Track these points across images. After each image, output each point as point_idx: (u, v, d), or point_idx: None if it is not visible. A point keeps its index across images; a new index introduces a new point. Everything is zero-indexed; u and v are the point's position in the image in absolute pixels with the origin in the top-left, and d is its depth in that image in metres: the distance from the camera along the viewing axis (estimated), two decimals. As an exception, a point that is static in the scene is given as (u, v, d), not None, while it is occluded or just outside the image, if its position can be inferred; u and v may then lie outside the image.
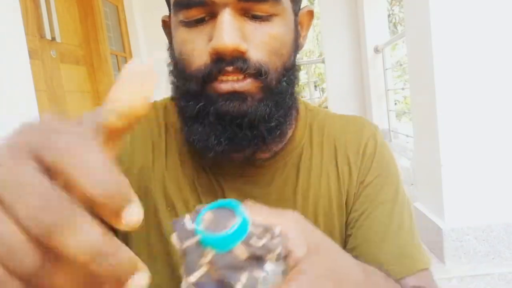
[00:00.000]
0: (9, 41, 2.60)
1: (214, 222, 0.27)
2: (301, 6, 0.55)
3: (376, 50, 4.72)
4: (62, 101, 3.30)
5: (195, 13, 0.46)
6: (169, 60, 0.53)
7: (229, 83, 0.46)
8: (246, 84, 0.46)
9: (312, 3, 11.64)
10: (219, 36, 0.44)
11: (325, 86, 7.78)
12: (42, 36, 3.08)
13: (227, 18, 0.44)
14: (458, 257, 1.55)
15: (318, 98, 10.84)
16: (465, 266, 1.53)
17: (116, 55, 4.18)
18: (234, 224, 0.26)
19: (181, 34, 0.48)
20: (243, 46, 0.45)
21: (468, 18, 1.51)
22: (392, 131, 4.60)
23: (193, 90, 0.47)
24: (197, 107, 0.47)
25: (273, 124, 0.48)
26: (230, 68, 0.45)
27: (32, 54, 2.87)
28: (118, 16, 4.40)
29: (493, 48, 1.52)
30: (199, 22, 0.47)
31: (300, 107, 0.60)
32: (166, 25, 0.55)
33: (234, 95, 0.46)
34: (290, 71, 0.50)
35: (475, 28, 1.51)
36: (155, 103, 0.60)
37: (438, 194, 1.60)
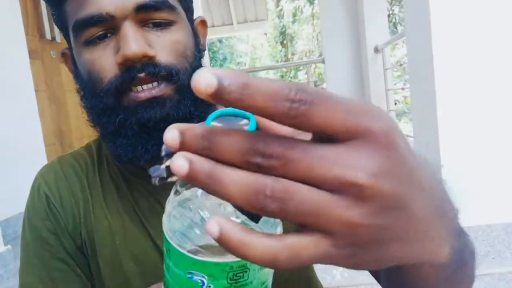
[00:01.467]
0: (9, 41, 2.60)
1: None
2: (195, 17, 0.58)
3: (376, 50, 4.72)
4: (62, 101, 3.30)
5: (96, 31, 0.48)
6: (77, 87, 0.54)
7: (146, 91, 0.47)
8: (161, 89, 0.48)
9: (312, 3, 11.65)
10: (126, 45, 0.45)
11: (325, 86, 7.79)
12: (42, 36, 3.08)
13: (130, 29, 0.46)
14: (458, 257, 1.55)
15: (318, 98, 10.83)
16: (465, 266, 1.53)
17: (116, 55, 4.18)
18: (245, 123, 0.24)
19: (86, 55, 0.49)
20: (151, 51, 0.47)
21: (468, 18, 1.51)
22: (392, 131, 4.59)
23: (109, 104, 0.48)
24: (117, 120, 0.48)
25: (196, 121, 0.49)
26: (142, 75, 0.46)
27: (32, 54, 2.87)
28: (118, 16, 4.40)
29: (493, 48, 1.52)
30: (101, 38, 0.48)
31: None
32: (67, 58, 0.57)
33: (153, 101, 0.47)
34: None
35: (475, 28, 1.51)
36: (88, 143, 0.62)
37: (438, 194, 1.60)
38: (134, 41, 0.45)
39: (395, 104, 6.90)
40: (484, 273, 1.47)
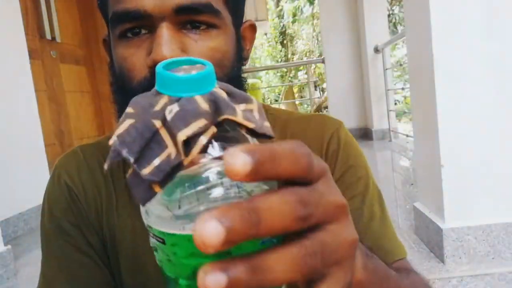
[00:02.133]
0: (9, 41, 2.60)
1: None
2: (244, 20, 0.55)
3: (376, 50, 4.72)
4: (62, 101, 3.30)
5: (131, 26, 0.46)
6: (110, 78, 0.53)
7: None
8: None
9: (312, 3, 11.64)
10: (158, 48, 0.44)
11: (325, 86, 7.79)
12: (42, 36, 3.08)
13: (165, 31, 0.44)
14: (458, 257, 1.55)
15: (318, 98, 10.85)
16: (465, 266, 1.53)
17: (116, 55, 4.18)
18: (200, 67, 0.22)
19: (120, 50, 0.48)
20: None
21: (469, 18, 1.51)
22: (392, 131, 4.61)
23: None
24: None
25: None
26: None
27: (32, 54, 2.87)
28: (118, 16, 4.40)
29: (494, 48, 1.52)
30: (136, 34, 0.47)
31: None
32: (106, 44, 0.55)
33: None
34: (235, 82, 0.49)
35: (475, 28, 1.51)
36: (102, 139, 0.61)
37: (438, 194, 1.60)
38: (167, 45, 0.43)
39: (395, 104, 6.90)
40: (484, 273, 1.47)
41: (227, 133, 0.22)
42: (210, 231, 0.16)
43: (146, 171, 0.19)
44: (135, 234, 0.53)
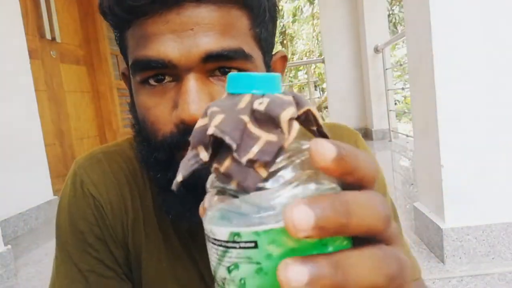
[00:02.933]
0: (9, 41, 2.60)
1: None
2: (274, 52, 0.51)
3: (376, 50, 4.72)
4: (62, 101, 3.30)
5: (154, 73, 0.42)
6: (132, 120, 0.49)
7: None
8: None
9: (312, 3, 11.64)
10: (186, 106, 0.40)
11: (325, 86, 7.78)
12: (42, 36, 3.08)
13: (192, 85, 0.40)
14: (458, 257, 1.55)
15: (318, 98, 10.84)
16: (465, 266, 1.53)
17: (116, 55, 4.18)
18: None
19: (142, 97, 0.44)
20: None
21: (469, 18, 1.51)
22: (392, 131, 4.61)
23: (162, 159, 0.44)
24: (167, 177, 0.43)
25: None
26: None
27: (32, 54, 2.87)
28: (118, 16, 4.39)
29: (494, 48, 1.51)
30: (160, 81, 0.42)
31: None
32: (125, 78, 0.51)
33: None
34: None
35: (475, 28, 1.51)
36: (132, 141, 0.54)
37: (438, 194, 1.60)
38: (195, 103, 0.39)
39: (395, 104, 6.90)
40: (484, 273, 1.47)
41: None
42: (301, 214, 0.17)
43: (249, 156, 0.19)
44: (160, 255, 0.51)
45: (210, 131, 0.20)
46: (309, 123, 0.23)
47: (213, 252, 0.21)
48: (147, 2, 0.40)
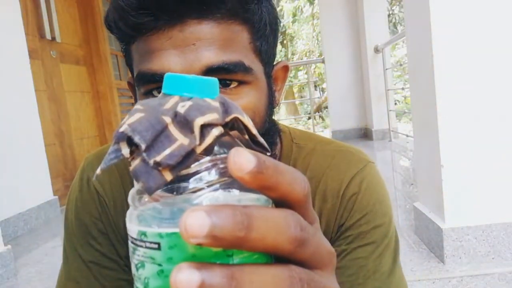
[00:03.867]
0: (9, 41, 2.61)
1: None
2: (276, 62, 0.53)
3: (376, 50, 4.72)
4: (62, 101, 3.30)
5: (157, 86, 0.44)
6: None
7: None
8: None
9: (312, 3, 11.64)
10: None
11: (325, 86, 7.78)
12: (42, 36, 3.08)
13: None
14: (458, 257, 1.55)
15: (318, 98, 10.85)
16: (465, 266, 1.54)
17: (116, 55, 4.18)
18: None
19: None
20: None
21: (469, 18, 1.51)
22: (392, 131, 4.61)
23: None
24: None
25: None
26: None
27: (32, 54, 2.87)
28: (118, 16, 4.39)
29: (494, 48, 1.52)
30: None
31: (285, 141, 0.57)
32: (132, 88, 0.53)
33: None
34: (266, 135, 0.48)
35: (475, 28, 1.51)
36: None
37: (438, 194, 1.60)
38: None
39: (395, 104, 6.90)
40: (484, 273, 1.47)
41: (225, 137, 0.22)
42: (196, 220, 0.16)
43: (157, 158, 0.19)
44: None
45: (122, 128, 0.20)
46: (241, 131, 0.22)
47: (129, 247, 0.22)
48: (151, 20, 0.41)
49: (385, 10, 5.12)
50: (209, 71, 0.41)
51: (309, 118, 7.26)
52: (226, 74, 0.43)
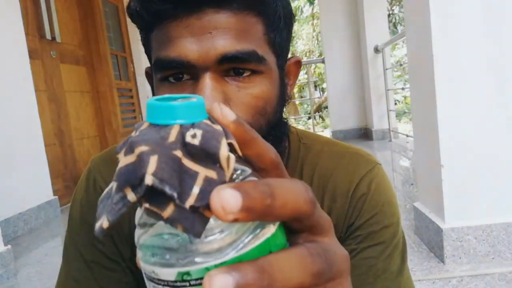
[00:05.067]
0: (9, 41, 2.60)
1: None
2: (289, 56, 0.54)
3: (376, 50, 4.72)
4: (62, 101, 3.30)
5: (173, 72, 0.46)
6: None
7: None
8: None
9: (312, 3, 11.64)
10: None
11: (325, 86, 7.78)
12: (42, 36, 3.08)
13: (208, 83, 0.43)
14: (458, 257, 1.55)
15: (318, 98, 10.84)
16: (465, 266, 1.54)
17: (116, 55, 4.18)
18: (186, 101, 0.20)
19: (162, 93, 0.46)
20: None
21: (469, 18, 1.51)
22: (392, 131, 4.61)
23: None
24: None
25: None
26: None
27: (32, 54, 2.87)
28: (118, 16, 4.40)
29: (494, 47, 1.52)
30: (179, 80, 0.46)
31: (292, 141, 0.57)
32: (149, 77, 0.54)
33: None
34: (276, 128, 0.49)
35: (475, 28, 1.51)
36: None
37: (438, 194, 1.60)
38: (210, 98, 0.43)
39: (395, 104, 6.90)
40: (484, 273, 1.47)
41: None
42: (230, 197, 0.17)
43: (191, 201, 0.18)
44: None
45: (149, 181, 0.18)
46: (232, 149, 0.22)
47: None
48: (171, 7, 0.43)
49: (385, 10, 5.12)
50: (224, 59, 0.43)
51: (309, 118, 7.25)
52: (240, 63, 0.44)
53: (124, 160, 0.19)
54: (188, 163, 0.19)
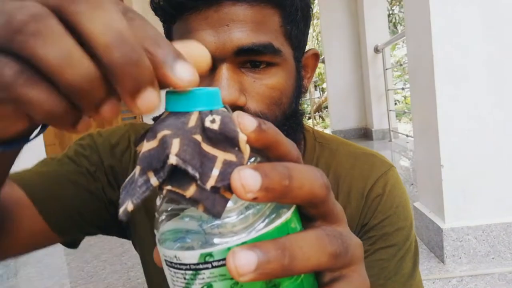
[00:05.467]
0: (9, 41, 2.61)
1: None
2: (307, 49, 0.55)
3: (376, 50, 4.72)
4: (62, 101, 3.31)
5: None
6: None
7: None
8: None
9: (312, 3, 11.65)
10: None
11: (325, 86, 7.78)
12: (42, 36, 3.08)
13: (224, 73, 0.44)
14: (458, 257, 1.55)
15: (318, 98, 10.84)
16: (465, 266, 1.54)
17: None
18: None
19: None
20: (241, 100, 0.45)
21: (469, 18, 1.51)
22: (392, 131, 4.61)
23: None
24: None
25: None
26: None
27: (32, 54, 2.88)
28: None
29: (493, 48, 1.52)
30: None
31: (308, 139, 0.58)
32: None
33: None
34: (291, 119, 0.50)
35: (475, 28, 1.51)
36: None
37: (438, 194, 1.60)
38: (225, 88, 0.44)
39: (395, 104, 6.90)
40: (484, 273, 1.47)
41: None
42: (250, 176, 0.18)
43: (211, 182, 0.19)
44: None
45: (173, 160, 0.19)
46: None
47: (178, 277, 0.21)
48: (190, 0, 0.45)
49: (385, 10, 5.12)
50: (240, 51, 0.44)
51: (309, 118, 7.26)
52: (256, 55, 0.45)
53: (147, 145, 0.20)
54: (206, 147, 0.20)
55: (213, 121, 0.20)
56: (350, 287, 0.22)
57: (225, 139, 0.20)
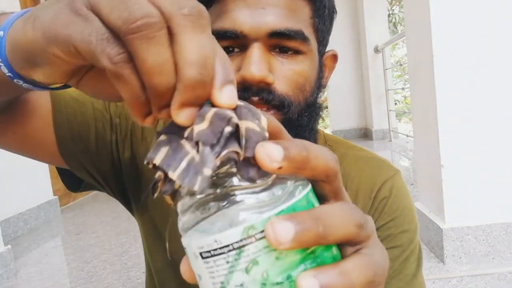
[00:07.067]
0: (9, 41, 2.61)
1: None
2: (327, 49, 0.57)
3: (376, 50, 4.72)
4: (62, 101, 3.30)
5: (226, 44, 0.48)
6: None
7: None
8: None
9: (312, 3, 11.62)
10: (248, 66, 0.46)
11: (325, 86, 7.76)
12: (42, 36, 3.08)
13: (256, 51, 0.47)
14: (458, 257, 1.56)
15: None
16: (465, 266, 1.54)
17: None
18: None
19: None
20: (270, 78, 0.47)
21: (468, 18, 1.51)
22: (392, 131, 4.61)
23: None
24: None
25: None
26: (255, 98, 0.47)
27: (32, 54, 2.87)
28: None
29: (493, 47, 1.52)
30: (229, 52, 0.49)
31: (319, 142, 0.60)
32: None
33: None
34: (312, 107, 0.52)
35: (475, 28, 1.51)
36: None
37: (438, 194, 1.60)
38: (256, 64, 0.46)
39: (395, 104, 6.90)
40: (484, 273, 1.47)
41: None
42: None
43: (250, 152, 0.21)
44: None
45: (197, 136, 0.20)
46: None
47: (218, 265, 0.21)
48: None
49: (385, 10, 5.12)
50: (273, 34, 0.47)
51: (309, 118, 7.24)
52: (287, 40, 0.48)
53: (197, 127, 0.21)
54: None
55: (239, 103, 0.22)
56: (374, 253, 0.23)
57: (253, 114, 0.22)
